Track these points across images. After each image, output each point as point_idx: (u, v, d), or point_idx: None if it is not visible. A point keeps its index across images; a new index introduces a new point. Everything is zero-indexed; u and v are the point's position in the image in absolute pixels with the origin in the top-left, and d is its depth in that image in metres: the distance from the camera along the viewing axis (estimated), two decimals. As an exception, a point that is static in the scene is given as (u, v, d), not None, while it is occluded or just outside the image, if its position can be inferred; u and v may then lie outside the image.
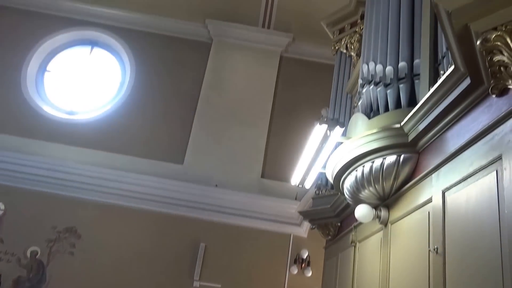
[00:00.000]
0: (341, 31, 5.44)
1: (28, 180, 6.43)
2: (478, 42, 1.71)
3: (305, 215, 5.04)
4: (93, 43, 7.76)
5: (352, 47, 5.23)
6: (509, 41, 1.64)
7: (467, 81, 2.12)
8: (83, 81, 7.57)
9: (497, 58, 1.74)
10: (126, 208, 6.46)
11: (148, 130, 7.03)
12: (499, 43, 1.66)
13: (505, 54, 1.67)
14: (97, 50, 7.79)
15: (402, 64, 3.16)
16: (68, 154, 6.66)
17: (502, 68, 1.78)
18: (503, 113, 1.89)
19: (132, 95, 7.24)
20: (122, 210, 6.46)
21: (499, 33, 1.64)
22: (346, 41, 5.35)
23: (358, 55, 4.96)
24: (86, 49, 7.77)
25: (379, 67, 3.30)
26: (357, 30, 5.20)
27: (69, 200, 6.42)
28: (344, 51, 5.32)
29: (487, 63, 1.80)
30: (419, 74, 3.00)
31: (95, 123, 7.03)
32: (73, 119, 7.16)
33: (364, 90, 3.45)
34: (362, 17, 5.00)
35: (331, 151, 3.42)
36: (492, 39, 1.65)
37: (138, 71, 7.38)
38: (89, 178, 6.48)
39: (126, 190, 6.49)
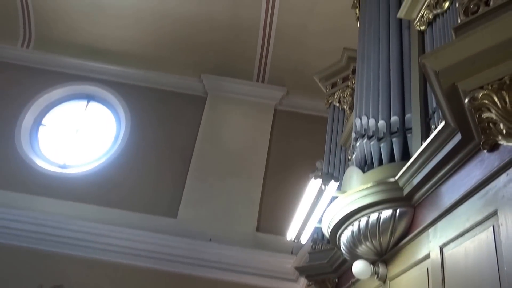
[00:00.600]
0: (334, 85, 5.58)
1: (15, 235, 6.28)
2: (466, 100, 1.75)
3: (302, 270, 4.91)
4: (89, 97, 7.87)
5: (345, 100, 5.33)
6: (495, 99, 1.68)
7: (458, 137, 2.15)
8: (77, 135, 7.60)
9: (485, 115, 1.78)
10: (117, 264, 6.27)
11: (141, 184, 6.98)
12: (486, 101, 1.70)
13: (493, 111, 1.71)
14: (93, 104, 7.88)
15: (394, 118, 3.21)
16: (58, 208, 6.55)
17: (491, 125, 1.82)
18: (495, 168, 1.90)
19: (126, 149, 7.25)
20: (113, 267, 6.26)
21: (485, 92, 1.69)
22: (338, 95, 5.46)
23: (351, 108, 5.05)
24: (82, 103, 7.87)
25: (372, 121, 3.36)
26: (349, 84, 5.33)
27: (57, 257, 6.23)
28: (337, 104, 5.42)
29: (476, 120, 1.83)
30: (411, 128, 3.05)
31: (88, 177, 6.98)
32: (66, 172, 7.12)
33: (357, 144, 3.49)
34: (353, 72, 5.14)
35: (326, 205, 3.39)
36: (479, 97, 1.70)
37: (133, 124, 7.44)
38: (79, 233, 6.34)
39: (118, 246, 6.33)
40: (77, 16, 6.97)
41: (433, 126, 2.68)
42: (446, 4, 2.91)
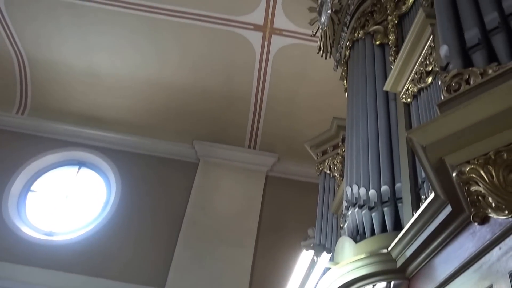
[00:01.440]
0: (324, 152, 5.65)
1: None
2: (454, 174, 1.79)
3: None
4: (80, 164, 7.85)
5: (335, 168, 5.38)
6: (482, 173, 1.72)
7: (448, 209, 2.16)
8: (67, 201, 7.49)
9: (474, 188, 1.81)
10: None
11: (129, 252, 6.79)
12: (474, 175, 1.73)
13: (481, 185, 1.74)
14: (84, 170, 7.85)
15: (384, 188, 3.23)
16: (43, 278, 6.29)
17: (480, 198, 1.84)
18: (487, 242, 1.90)
19: (115, 216, 7.13)
20: None
21: (472, 166, 1.73)
22: (329, 162, 5.52)
23: (341, 176, 5.09)
24: (73, 169, 7.83)
25: (362, 190, 3.38)
26: (339, 152, 5.40)
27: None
28: (328, 171, 5.47)
29: (465, 193, 1.86)
30: (401, 198, 3.06)
31: (74, 245, 6.78)
32: (52, 240, 6.91)
33: (349, 213, 3.47)
34: (343, 140, 5.24)
35: (319, 277, 3.31)
36: (466, 171, 1.74)
37: (124, 190, 7.37)
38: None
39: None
40: (74, 85, 7.15)
41: (423, 197, 2.71)
42: (430, 79, 3.06)
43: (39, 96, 7.49)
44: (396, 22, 3.98)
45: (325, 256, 3.07)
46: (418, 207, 2.58)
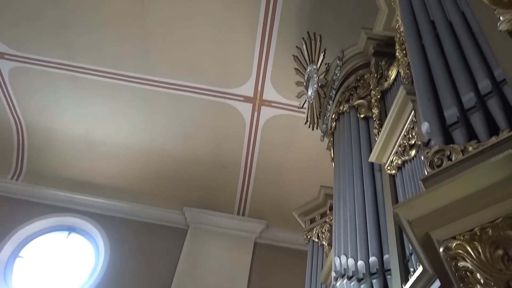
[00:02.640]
0: (312, 221, 5.65)
1: None
2: (441, 250, 1.81)
3: None
4: (70, 229, 7.74)
5: (324, 236, 5.36)
6: (469, 249, 1.74)
7: (437, 283, 2.16)
8: (54, 267, 7.28)
9: (461, 264, 1.82)
10: None
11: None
12: (460, 251, 1.76)
13: (468, 261, 1.76)
14: (74, 236, 7.73)
15: (372, 259, 3.22)
16: None
17: (468, 273, 1.85)
18: (479, 318, 1.88)
19: (103, 282, 6.91)
20: None
21: (459, 242, 1.76)
22: (317, 231, 5.50)
23: (330, 244, 5.05)
24: (63, 234, 7.71)
25: (351, 261, 3.35)
26: (327, 220, 5.41)
27: None
28: (316, 240, 5.43)
29: (453, 269, 1.87)
30: (390, 270, 3.04)
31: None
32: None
33: (338, 284, 3.42)
34: (331, 209, 5.27)
35: None
36: (453, 247, 1.76)
37: (112, 257, 7.21)
38: None
39: None
40: (69, 152, 7.28)
41: (411, 269, 2.70)
42: (413, 152, 3.17)
43: (34, 163, 7.56)
44: (379, 97, 4.17)
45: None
46: (407, 280, 2.57)
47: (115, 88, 6.27)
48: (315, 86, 4.92)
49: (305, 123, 5.16)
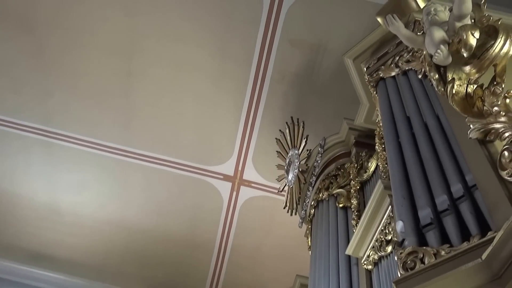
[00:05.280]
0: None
1: None
2: None
3: None
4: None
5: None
6: None
7: None
8: None
9: None
10: None
11: None
12: None
13: None
14: None
15: None
16: None
17: None
18: None
19: None
20: None
21: None
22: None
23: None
24: None
25: None
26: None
27: None
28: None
29: None
30: None
31: None
32: None
33: None
34: None
35: None
36: None
37: None
38: None
39: None
40: (31, 220, 6.80)
41: None
42: (389, 248, 3.12)
43: None
44: (358, 187, 4.19)
45: None
46: None
47: (90, 157, 6.14)
48: (295, 171, 4.94)
49: (284, 208, 5.10)
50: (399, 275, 2.05)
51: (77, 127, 6.03)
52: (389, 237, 3.18)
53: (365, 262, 3.36)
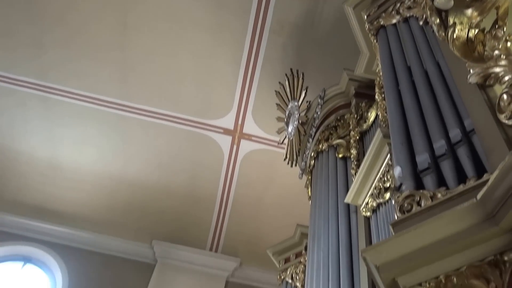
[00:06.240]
0: (287, 260, 5.54)
1: None
2: (407, 297, 1.79)
3: None
4: (26, 259, 7.19)
5: (298, 277, 5.25)
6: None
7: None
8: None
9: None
10: None
11: None
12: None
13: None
14: (30, 267, 7.19)
15: (344, 301, 3.16)
16: None
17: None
18: None
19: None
20: None
21: (424, 289, 1.74)
22: (291, 271, 5.39)
23: (303, 286, 4.95)
24: (17, 264, 7.16)
25: (322, 304, 3.28)
26: (301, 260, 5.32)
27: None
28: (290, 281, 5.31)
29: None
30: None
31: None
32: None
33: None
34: (306, 249, 5.19)
35: None
36: (418, 294, 1.74)
37: (70, 291, 6.80)
38: None
39: None
40: (32, 176, 6.88)
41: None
42: (387, 195, 3.18)
43: None
44: (357, 137, 4.22)
45: None
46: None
47: (88, 112, 6.11)
48: (295, 123, 4.95)
49: (284, 160, 5.16)
50: (396, 218, 2.10)
51: (73, 81, 5.97)
52: (388, 185, 3.23)
53: (364, 209, 3.43)
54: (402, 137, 2.58)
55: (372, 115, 4.19)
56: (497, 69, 2.15)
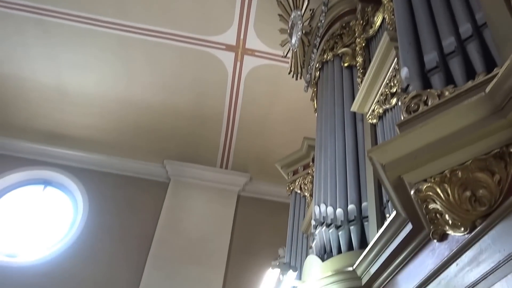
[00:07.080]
0: (295, 172, 5.69)
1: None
2: (412, 192, 1.83)
3: None
4: (46, 182, 7.58)
5: (306, 187, 5.42)
6: (439, 191, 1.76)
7: (409, 226, 2.20)
8: (31, 221, 7.22)
9: (431, 206, 1.85)
10: None
11: (97, 273, 6.58)
12: (430, 193, 1.78)
13: (438, 203, 1.78)
14: (50, 189, 7.60)
15: (351, 206, 3.27)
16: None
17: (438, 215, 1.88)
18: (445, 258, 1.94)
19: (82, 236, 6.92)
20: None
21: (429, 185, 1.77)
22: (300, 182, 5.55)
23: (312, 195, 5.12)
24: (38, 187, 7.56)
25: (330, 209, 3.40)
26: (309, 172, 5.45)
27: None
28: (299, 191, 5.50)
29: (424, 211, 1.90)
30: (367, 217, 3.10)
31: (37, 267, 6.52)
32: (13, 262, 6.64)
33: (317, 232, 3.49)
34: (313, 160, 5.29)
35: (286, 296, 3.29)
36: (423, 189, 1.78)
37: (91, 210, 7.18)
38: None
39: None
40: (41, 103, 6.94)
41: (387, 215, 2.75)
42: (394, 101, 3.14)
43: (4, 114, 7.18)
44: (363, 44, 4.09)
45: (291, 274, 3.06)
46: (383, 226, 2.62)
47: (87, 34, 5.94)
48: (299, 33, 4.79)
49: (289, 73, 5.07)
50: (402, 118, 2.08)
51: (67, 2, 5.73)
52: (394, 90, 3.18)
53: (370, 117, 3.42)
54: (410, 37, 2.48)
55: (378, 20, 4.01)
56: (513, -44, 1.99)
